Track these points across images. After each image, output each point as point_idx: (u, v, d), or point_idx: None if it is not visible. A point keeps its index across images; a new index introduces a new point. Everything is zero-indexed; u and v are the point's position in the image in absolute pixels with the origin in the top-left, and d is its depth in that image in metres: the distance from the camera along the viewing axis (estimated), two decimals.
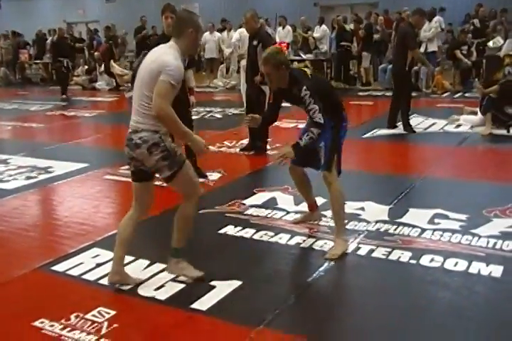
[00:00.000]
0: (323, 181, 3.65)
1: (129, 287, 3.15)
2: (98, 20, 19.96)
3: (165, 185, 4.98)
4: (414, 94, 8.46)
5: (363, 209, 4.31)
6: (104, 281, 3.22)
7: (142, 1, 19.52)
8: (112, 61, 12.14)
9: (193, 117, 5.36)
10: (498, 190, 4.80)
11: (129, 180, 5.43)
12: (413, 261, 3.38)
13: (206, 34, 13.04)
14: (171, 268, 3.25)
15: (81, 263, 3.50)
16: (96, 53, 15.86)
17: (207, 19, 5.65)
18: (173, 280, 3.22)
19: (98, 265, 3.47)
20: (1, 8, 21.83)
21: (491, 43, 11.35)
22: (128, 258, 3.49)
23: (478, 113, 7.46)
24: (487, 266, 3.27)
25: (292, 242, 3.74)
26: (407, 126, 7.38)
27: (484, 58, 11.30)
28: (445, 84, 11.36)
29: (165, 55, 2.93)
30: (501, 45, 11.08)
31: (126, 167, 5.79)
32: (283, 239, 3.80)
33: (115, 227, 4.11)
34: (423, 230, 3.86)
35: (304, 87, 3.40)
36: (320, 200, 4.19)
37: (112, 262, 3.19)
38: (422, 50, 11.75)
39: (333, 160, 3.62)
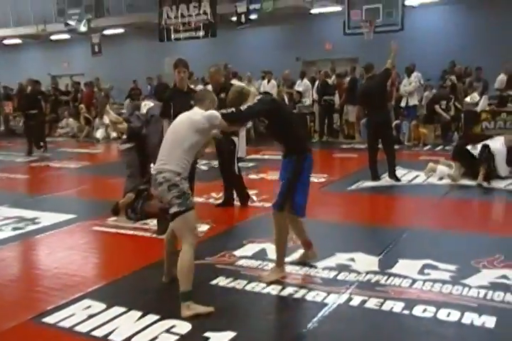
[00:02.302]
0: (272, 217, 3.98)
1: (122, 338, 3.11)
2: (83, 73, 20.31)
3: (157, 236, 5.06)
4: (396, 146, 8.67)
5: (353, 260, 4.35)
6: (97, 333, 3.18)
7: (127, 55, 20.00)
8: (107, 106, 12.09)
9: None
10: (484, 241, 4.88)
11: (118, 230, 5.51)
12: (406, 312, 3.39)
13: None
14: (184, 313, 3.39)
15: (72, 315, 3.45)
16: (81, 105, 16.11)
17: (191, 71, 5.83)
18: (167, 331, 3.18)
19: (90, 316, 3.42)
20: None
21: (468, 99, 11.79)
22: (120, 310, 3.49)
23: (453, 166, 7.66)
24: (479, 316, 3.29)
25: (285, 293, 3.74)
26: (394, 174, 7.57)
27: (462, 113, 11.69)
28: (426, 134, 11.68)
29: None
30: (477, 100, 11.52)
31: (114, 218, 5.86)
32: (275, 289, 3.80)
33: (105, 278, 4.13)
34: (414, 280, 3.89)
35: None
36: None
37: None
38: (403, 104, 12.18)
39: (287, 199, 3.92)
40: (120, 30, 19.43)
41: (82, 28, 17.99)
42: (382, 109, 7.71)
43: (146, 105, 6.04)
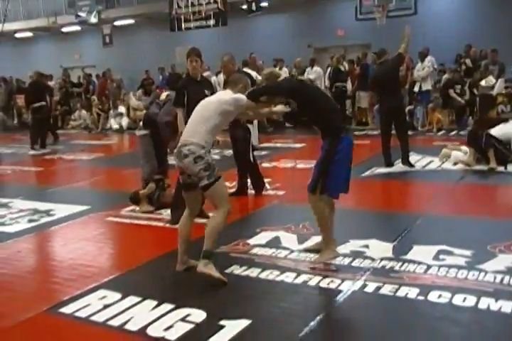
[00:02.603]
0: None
1: (138, 327, 3.13)
2: (94, 65, 20.35)
3: (170, 226, 5.08)
4: (410, 132, 8.59)
5: (367, 246, 4.32)
6: (113, 322, 3.20)
7: (138, 45, 19.98)
8: (131, 93, 11.98)
9: None
10: (500, 226, 4.82)
11: (132, 221, 5.54)
12: (421, 298, 3.37)
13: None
14: (200, 268, 3.67)
15: (88, 305, 3.47)
16: (93, 97, 16.19)
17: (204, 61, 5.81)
18: (182, 320, 3.19)
19: (105, 306, 3.44)
20: None
21: (483, 82, 11.60)
22: (135, 299, 3.50)
23: (466, 150, 7.57)
24: (496, 301, 3.26)
25: (299, 281, 3.73)
26: (407, 160, 7.51)
27: (477, 97, 11.52)
28: (441, 120, 11.57)
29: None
30: (493, 84, 11.34)
31: (129, 208, 5.89)
32: (289, 277, 3.79)
33: (120, 269, 4.15)
34: (429, 266, 3.86)
35: None
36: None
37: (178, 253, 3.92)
38: (416, 89, 12.03)
39: (319, 182, 3.94)
40: (131, 21, 19.41)
41: (93, 20, 18.02)
42: (394, 95, 7.63)
43: (167, 94, 6.05)
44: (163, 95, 6.10)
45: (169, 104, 5.71)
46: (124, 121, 14.71)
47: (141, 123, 6.27)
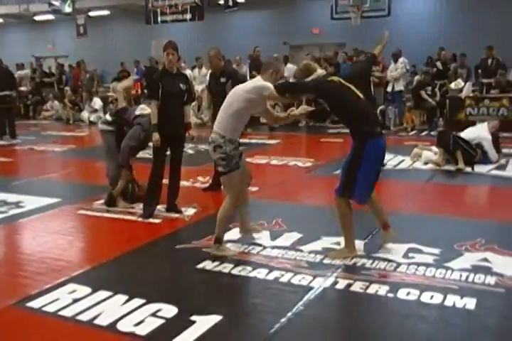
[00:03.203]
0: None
1: (108, 322, 3.11)
2: (67, 55, 20.05)
3: (143, 220, 5.06)
4: (383, 131, 8.67)
5: (339, 244, 4.37)
6: (82, 317, 3.18)
7: (113, 37, 19.75)
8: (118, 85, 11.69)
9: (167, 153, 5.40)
10: (467, 225, 4.93)
11: (103, 214, 5.48)
12: (390, 295, 3.43)
13: None
14: (213, 251, 4.11)
15: (57, 299, 3.44)
16: (66, 88, 15.97)
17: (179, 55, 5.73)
18: (153, 315, 3.19)
19: (75, 301, 3.41)
20: None
21: (452, 85, 11.85)
22: (105, 294, 3.48)
23: (436, 150, 7.72)
24: (461, 298, 3.35)
25: (270, 277, 3.76)
26: None
27: (447, 99, 11.74)
28: (414, 120, 11.77)
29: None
30: (462, 87, 11.58)
31: (101, 201, 5.84)
32: (261, 273, 3.82)
33: (91, 262, 4.12)
34: (398, 264, 3.93)
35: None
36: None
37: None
38: (389, 89, 12.18)
39: (347, 187, 3.93)
40: (106, 12, 19.17)
41: (67, 9, 17.70)
42: (365, 94, 7.68)
43: (143, 109, 5.82)
44: (146, 111, 5.72)
45: (137, 129, 5.52)
46: (98, 119, 14.57)
47: (107, 116, 6.08)
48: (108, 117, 5.90)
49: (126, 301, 3.38)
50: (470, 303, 3.28)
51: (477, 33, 13.68)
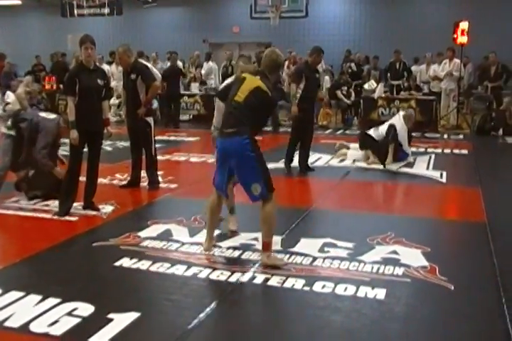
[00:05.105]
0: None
1: (19, 324, 3.02)
2: None
3: (58, 217, 4.92)
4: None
5: (256, 239, 4.44)
6: None
7: (27, 29, 18.96)
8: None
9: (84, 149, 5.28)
10: (379, 220, 5.16)
11: (16, 212, 5.27)
12: (306, 288, 3.54)
13: None
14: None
15: None
16: None
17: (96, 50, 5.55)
18: (69, 314, 3.12)
19: None
20: None
21: (366, 86, 12.33)
22: (17, 294, 3.37)
23: (356, 146, 8.04)
24: (372, 289, 3.51)
25: (189, 273, 3.78)
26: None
27: (361, 99, 12.19)
28: (330, 114, 12.12)
29: None
30: (375, 87, 12.07)
31: (13, 199, 5.62)
32: (179, 270, 3.83)
33: (2, 262, 3.96)
34: (314, 258, 4.06)
35: None
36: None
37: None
38: None
39: (267, 181, 4.20)
40: (17, 2, 18.33)
41: None
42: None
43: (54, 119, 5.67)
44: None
45: (45, 135, 5.43)
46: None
47: (9, 122, 5.71)
48: (9, 121, 5.69)
49: (40, 301, 3.28)
50: (380, 294, 3.45)
51: (387, 36, 14.33)
